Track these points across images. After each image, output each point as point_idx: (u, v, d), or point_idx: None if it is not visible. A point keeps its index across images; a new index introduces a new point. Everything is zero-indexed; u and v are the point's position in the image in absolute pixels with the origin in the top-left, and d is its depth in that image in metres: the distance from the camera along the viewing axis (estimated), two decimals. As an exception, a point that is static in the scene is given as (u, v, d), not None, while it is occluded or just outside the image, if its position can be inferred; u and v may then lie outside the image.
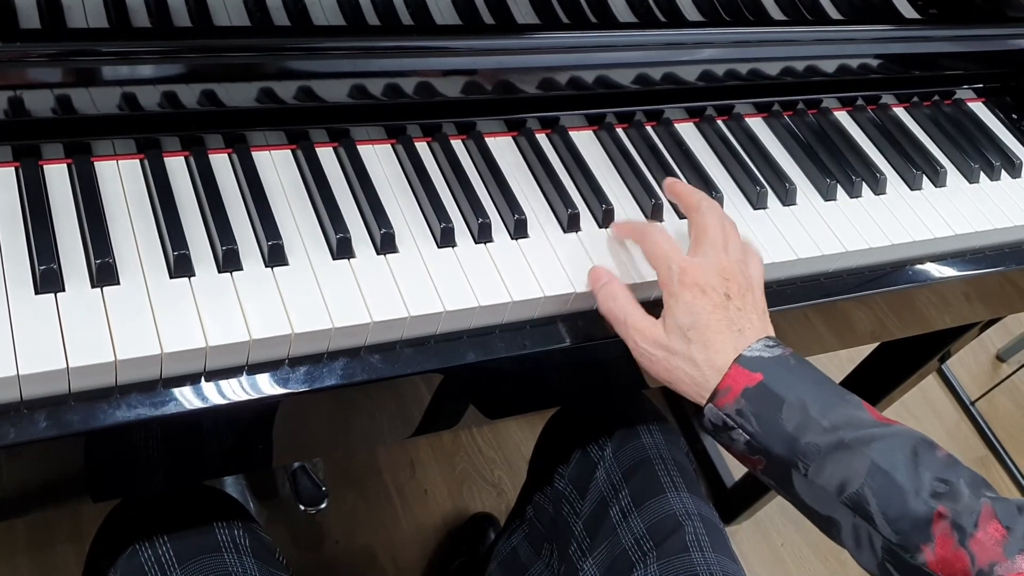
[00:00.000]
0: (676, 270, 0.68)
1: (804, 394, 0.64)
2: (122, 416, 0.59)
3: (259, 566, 0.77)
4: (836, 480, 0.62)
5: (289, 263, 0.67)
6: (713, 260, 0.69)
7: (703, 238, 0.71)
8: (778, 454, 0.64)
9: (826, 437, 0.62)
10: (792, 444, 0.63)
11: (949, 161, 0.99)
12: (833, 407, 0.63)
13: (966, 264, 0.92)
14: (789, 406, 0.63)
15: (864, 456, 0.61)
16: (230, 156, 0.73)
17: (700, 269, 0.68)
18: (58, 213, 0.65)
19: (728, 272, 0.68)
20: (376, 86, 0.76)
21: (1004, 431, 2.09)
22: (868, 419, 0.63)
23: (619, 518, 0.88)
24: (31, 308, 0.59)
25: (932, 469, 0.60)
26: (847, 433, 0.62)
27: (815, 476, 0.62)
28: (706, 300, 0.66)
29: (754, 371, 0.64)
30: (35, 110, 0.66)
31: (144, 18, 0.68)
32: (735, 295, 0.67)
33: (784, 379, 0.64)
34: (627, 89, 0.88)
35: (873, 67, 0.99)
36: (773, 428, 0.64)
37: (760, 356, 0.65)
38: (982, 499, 0.59)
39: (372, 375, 0.66)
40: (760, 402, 0.64)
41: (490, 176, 0.79)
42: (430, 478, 1.64)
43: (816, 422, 0.63)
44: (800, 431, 0.63)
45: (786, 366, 0.65)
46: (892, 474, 0.60)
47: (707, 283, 0.67)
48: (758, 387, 0.64)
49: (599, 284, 0.72)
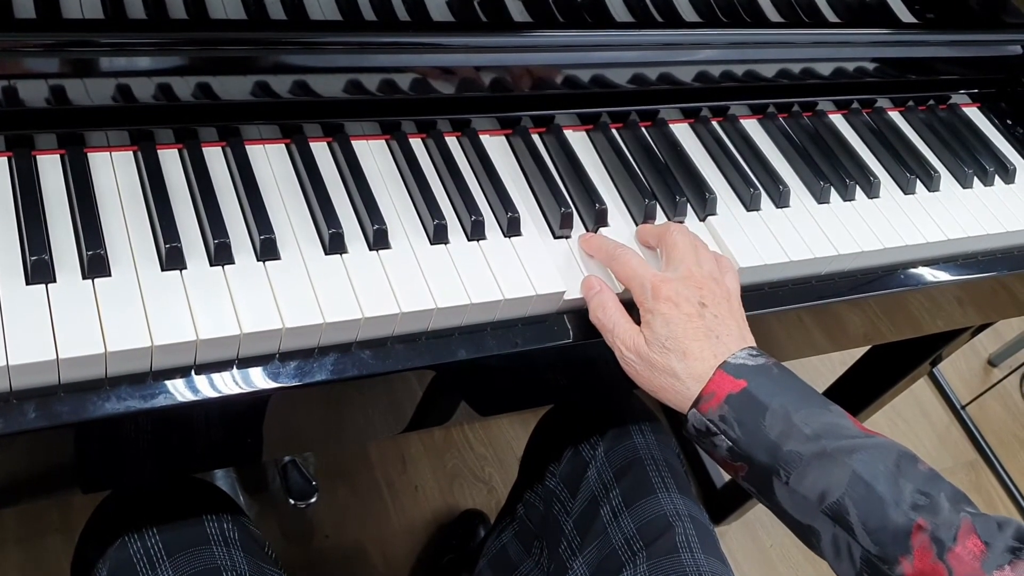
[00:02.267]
0: (649, 287, 0.69)
1: (787, 402, 0.64)
2: (112, 408, 0.59)
3: (248, 560, 0.77)
4: (817, 489, 0.62)
5: (281, 257, 0.67)
6: (684, 273, 0.70)
7: (673, 253, 0.72)
8: (760, 461, 0.64)
9: (808, 445, 0.62)
10: (774, 451, 0.63)
11: (943, 166, 0.99)
12: (816, 416, 0.64)
13: (959, 269, 0.92)
14: (772, 413, 0.64)
15: (846, 466, 0.61)
16: (224, 149, 0.73)
17: (672, 282, 0.69)
18: (50, 204, 0.65)
19: (700, 282, 0.69)
20: (371, 82, 0.76)
21: (994, 436, 2.09)
22: (851, 429, 0.64)
23: (610, 518, 0.88)
24: (22, 298, 0.59)
25: (913, 482, 0.61)
26: (830, 442, 0.62)
27: (796, 484, 0.63)
28: (680, 311, 0.67)
29: (738, 378, 0.65)
30: (29, 100, 0.66)
31: (140, 10, 0.68)
32: (710, 303, 0.68)
33: (768, 387, 0.65)
34: (622, 89, 0.88)
35: (869, 70, 0.99)
36: (756, 435, 0.64)
37: (744, 364, 0.66)
38: (962, 514, 0.59)
39: (363, 371, 0.66)
40: (743, 409, 0.64)
41: (484, 174, 0.79)
42: (421, 474, 1.65)
43: (799, 430, 0.63)
44: (782, 439, 0.63)
45: (769, 375, 0.65)
46: (873, 485, 0.60)
47: (680, 295, 0.68)
48: (742, 393, 0.64)
49: (591, 293, 0.72)
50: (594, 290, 0.72)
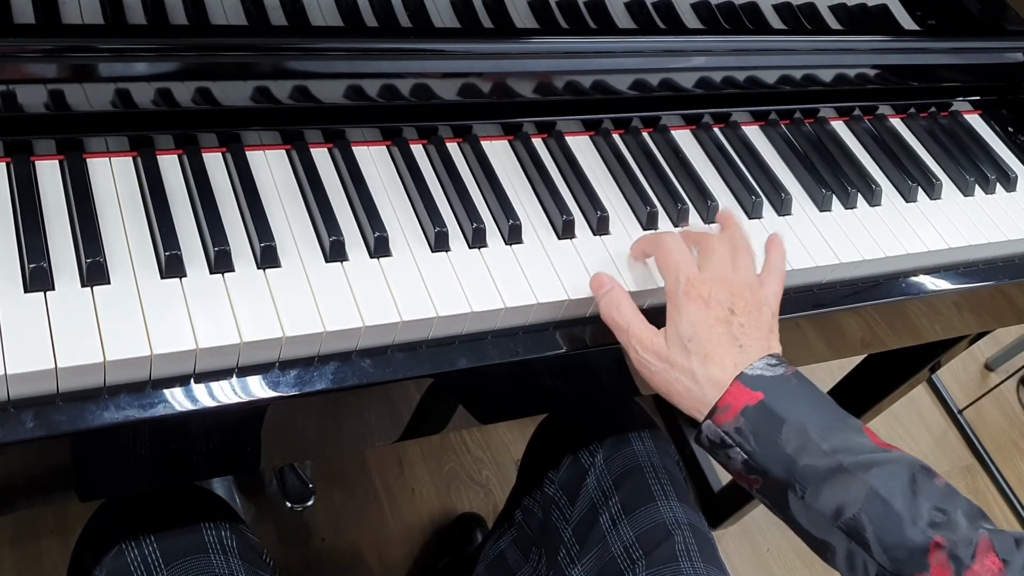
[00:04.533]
0: (683, 280, 0.67)
1: (804, 416, 0.63)
2: (110, 417, 0.58)
3: (245, 567, 0.77)
4: (833, 505, 0.61)
5: (281, 265, 0.66)
6: (720, 275, 0.68)
7: (712, 254, 0.70)
8: (775, 475, 0.63)
9: (825, 460, 0.61)
10: (790, 466, 0.62)
11: (944, 173, 0.99)
12: (833, 430, 0.63)
13: (959, 277, 0.92)
14: (789, 427, 0.63)
15: (862, 482, 0.60)
16: (224, 155, 0.73)
17: (706, 282, 0.67)
18: (49, 210, 0.64)
19: (735, 288, 0.68)
20: (372, 88, 0.76)
21: (991, 440, 2.09)
22: (868, 444, 0.63)
23: (609, 525, 0.88)
24: (20, 306, 0.58)
25: (930, 498, 0.60)
26: (846, 457, 0.61)
27: (812, 500, 0.62)
28: (709, 313, 0.66)
29: (755, 389, 0.64)
30: (28, 105, 0.65)
31: (140, 15, 0.68)
32: (740, 311, 0.67)
33: (785, 399, 0.63)
34: (624, 95, 0.87)
35: (871, 77, 0.99)
36: (772, 449, 0.63)
37: (762, 375, 0.64)
38: (980, 531, 0.58)
39: (363, 379, 0.66)
40: (760, 421, 0.63)
41: (485, 180, 0.78)
42: (418, 477, 1.64)
43: (816, 445, 0.62)
44: (799, 453, 0.62)
45: (788, 386, 0.64)
46: (890, 501, 0.60)
47: (712, 296, 0.67)
48: (759, 406, 0.63)
49: (602, 291, 0.71)
50: (605, 288, 0.71)
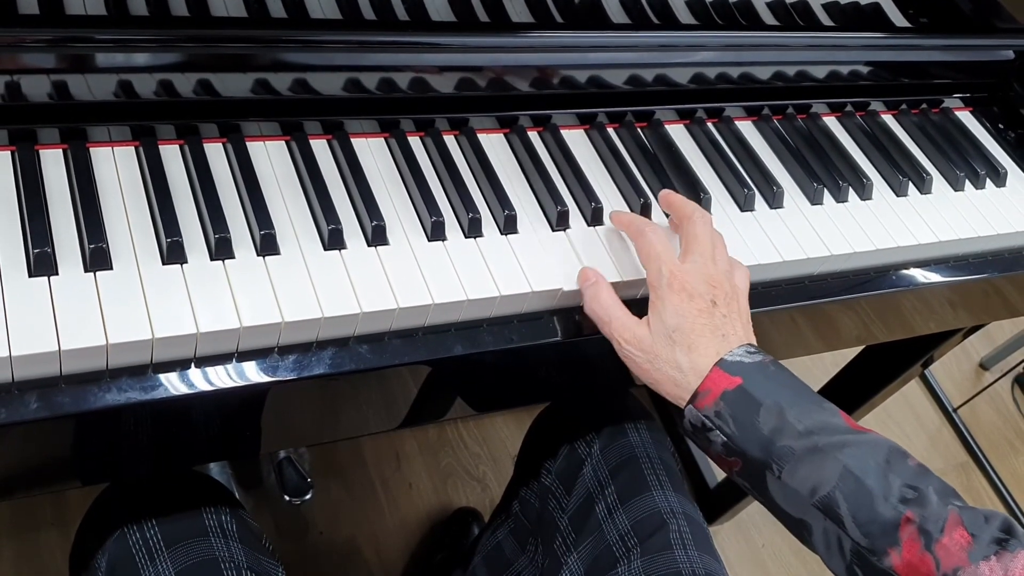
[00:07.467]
0: (666, 273, 0.69)
1: (781, 399, 0.65)
2: (112, 399, 0.59)
3: (246, 551, 0.78)
4: (809, 483, 0.63)
5: (281, 252, 0.68)
6: (702, 267, 0.70)
7: (694, 246, 0.72)
8: (753, 456, 0.65)
9: (801, 441, 0.63)
10: (767, 446, 0.64)
11: (935, 169, 1.00)
12: (809, 413, 0.65)
13: (950, 271, 0.93)
14: (766, 410, 0.65)
15: (837, 461, 0.62)
16: (224, 145, 0.74)
17: (689, 275, 0.69)
18: (53, 197, 0.66)
19: (715, 280, 0.70)
20: (371, 80, 0.77)
21: (985, 438, 2.11)
22: (843, 426, 0.65)
23: (604, 514, 0.89)
24: (24, 291, 0.59)
25: (903, 476, 0.62)
26: (821, 438, 0.63)
27: (788, 478, 0.64)
28: (693, 305, 0.68)
29: (734, 375, 0.66)
30: (32, 95, 0.67)
31: (142, 6, 0.69)
32: (721, 302, 0.69)
33: (762, 384, 0.65)
34: (619, 89, 0.88)
35: (863, 74, 1.00)
36: (750, 431, 0.65)
37: (741, 361, 0.66)
38: (949, 507, 0.60)
39: (360, 365, 0.67)
40: (738, 405, 0.65)
41: (481, 172, 0.79)
42: (415, 472, 1.65)
43: (792, 426, 0.64)
44: (776, 434, 0.64)
45: (765, 372, 0.66)
46: (863, 479, 0.61)
47: (695, 289, 0.68)
48: (737, 390, 0.65)
49: (587, 284, 0.73)
50: (589, 281, 0.73)
